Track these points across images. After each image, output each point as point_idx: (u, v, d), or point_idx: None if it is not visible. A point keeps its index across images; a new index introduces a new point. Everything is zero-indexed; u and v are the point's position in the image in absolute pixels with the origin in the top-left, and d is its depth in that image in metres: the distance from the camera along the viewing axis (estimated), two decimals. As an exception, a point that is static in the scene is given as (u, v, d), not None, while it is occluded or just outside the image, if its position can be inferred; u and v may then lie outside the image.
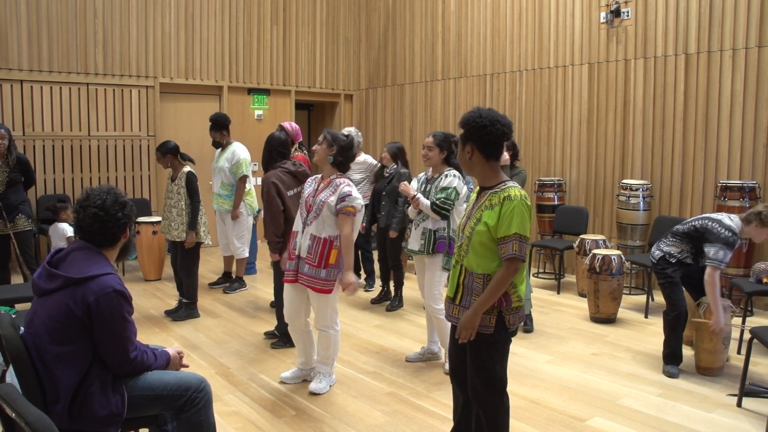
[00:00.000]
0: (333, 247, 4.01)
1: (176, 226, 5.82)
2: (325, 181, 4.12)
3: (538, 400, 4.11)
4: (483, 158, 2.83)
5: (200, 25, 9.30)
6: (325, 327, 4.15)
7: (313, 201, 4.08)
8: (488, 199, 2.81)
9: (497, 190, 2.81)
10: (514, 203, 2.73)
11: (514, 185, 2.82)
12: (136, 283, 7.32)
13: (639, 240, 6.89)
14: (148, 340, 4.10)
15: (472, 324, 2.77)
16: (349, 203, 3.99)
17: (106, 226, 2.61)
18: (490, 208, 2.78)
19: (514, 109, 8.42)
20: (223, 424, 3.69)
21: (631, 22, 7.13)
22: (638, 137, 7.17)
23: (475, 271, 2.82)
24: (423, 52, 9.78)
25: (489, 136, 2.79)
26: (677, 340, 4.60)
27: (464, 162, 2.91)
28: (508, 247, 2.72)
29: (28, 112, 7.99)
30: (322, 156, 4.12)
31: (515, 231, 2.72)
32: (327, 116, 11.40)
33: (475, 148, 2.82)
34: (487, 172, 2.86)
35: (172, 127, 9.08)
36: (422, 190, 4.60)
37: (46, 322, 2.47)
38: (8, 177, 5.80)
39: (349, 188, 4.04)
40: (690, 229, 4.53)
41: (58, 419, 2.39)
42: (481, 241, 2.79)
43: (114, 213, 2.62)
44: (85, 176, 8.45)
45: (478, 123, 2.79)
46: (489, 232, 2.76)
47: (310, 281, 4.02)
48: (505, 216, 2.73)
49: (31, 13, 7.88)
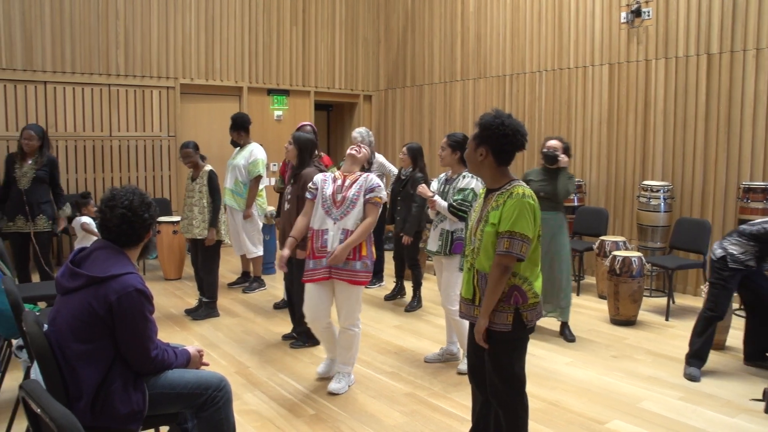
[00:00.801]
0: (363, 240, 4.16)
1: (197, 224, 5.86)
2: (351, 177, 4.23)
3: (558, 402, 4.09)
4: (495, 163, 2.84)
5: (220, 27, 9.36)
6: (350, 325, 4.18)
7: (342, 197, 4.15)
8: (495, 200, 2.83)
9: (503, 191, 2.82)
10: (514, 201, 2.74)
11: (519, 184, 2.82)
12: (157, 282, 7.38)
13: (660, 242, 6.82)
14: (169, 339, 4.12)
15: (481, 329, 2.81)
16: (377, 194, 4.17)
17: (134, 227, 2.64)
18: (496, 209, 2.80)
19: (533, 109, 8.39)
20: (243, 423, 3.71)
21: (652, 22, 7.07)
22: (659, 138, 7.11)
23: (486, 272, 2.83)
24: (442, 53, 9.77)
25: (508, 145, 2.80)
26: (706, 341, 4.51)
27: (474, 162, 2.92)
28: (499, 245, 2.74)
29: (51, 113, 8.09)
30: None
31: (508, 228, 2.72)
32: (346, 117, 11.42)
33: (490, 152, 2.82)
34: (496, 175, 2.88)
35: (192, 127, 9.15)
36: (441, 191, 4.60)
37: (69, 321, 2.50)
38: (35, 175, 5.83)
39: (377, 180, 4.24)
40: (760, 230, 4.41)
41: (81, 416, 2.41)
42: (491, 242, 2.79)
43: (141, 214, 2.65)
44: (106, 176, 8.54)
45: (501, 131, 2.78)
46: (495, 233, 2.78)
47: (345, 274, 4.09)
48: (505, 213, 2.75)
49: (54, 16, 7.99)
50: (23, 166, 5.85)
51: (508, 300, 2.80)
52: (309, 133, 5.30)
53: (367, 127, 10.95)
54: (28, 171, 5.84)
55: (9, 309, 3.46)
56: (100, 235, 2.75)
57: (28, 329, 2.50)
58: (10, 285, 3.22)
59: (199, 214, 5.87)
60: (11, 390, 4.07)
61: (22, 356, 3.37)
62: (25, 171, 5.83)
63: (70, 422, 1.75)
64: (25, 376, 3.36)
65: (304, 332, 5.14)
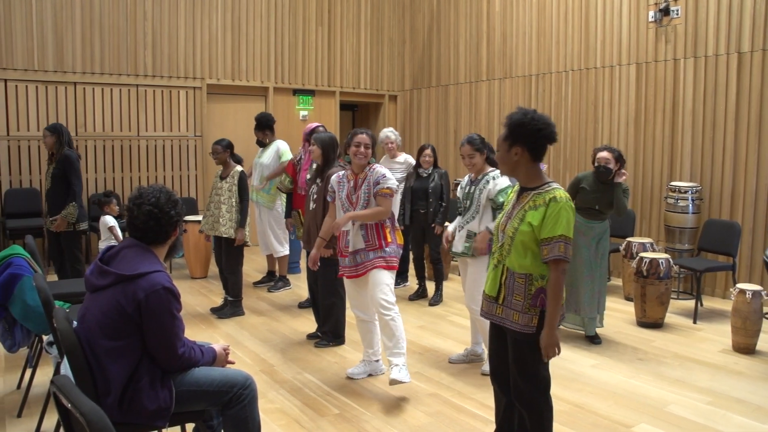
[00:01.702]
0: (385, 227, 4.23)
1: (224, 222, 5.89)
2: (362, 175, 4.27)
3: (583, 404, 4.05)
4: (530, 160, 2.83)
5: (246, 27, 9.43)
6: (386, 311, 4.16)
7: (357, 197, 4.20)
8: (532, 200, 2.80)
9: (541, 191, 2.80)
10: (560, 205, 2.72)
11: (558, 187, 2.80)
12: (183, 280, 7.46)
13: (688, 243, 6.73)
14: (194, 337, 4.17)
15: (553, 340, 2.74)
16: (384, 184, 4.19)
17: (160, 224, 2.67)
18: (534, 209, 2.76)
19: (559, 110, 8.32)
20: (267, 421, 3.74)
21: (681, 20, 6.98)
22: (687, 139, 7.01)
23: (516, 271, 2.81)
24: (468, 53, 9.74)
25: (542, 139, 2.80)
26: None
27: (508, 163, 2.88)
28: (554, 249, 2.70)
29: (81, 113, 8.22)
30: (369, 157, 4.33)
31: (561, 233, 2.70)
32: (371, 117, 11.44)
33: (525, 150, 2.81)
34: (531, 172, 2.85)
35: (219, 127, 9.22)
36: (467, 192, 4.59)
37: (98, 318, 2.54)
38: (53, 174, 5.86)
39: (381, 170, 4.26)
40: None
41: (109, 411, 2.44)
42: (523, 241, 2.77)
43: (168, 210, 2.69)
44: (134, 175, 8.65)
45: (534, 126, 2.77)
46: (533, 233, 2.75)
47: (377, 261, 4.17)
48: (551, 217, 2.71)
49: (85, 18, 8.11)
50: (49, 166, 5.98)
51: (534, 302, 2.78)
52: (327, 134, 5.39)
53: (393, 127, 10.97)
54: (50, 170, 5.95)
55: (40, 306, 3.53)
56: (120, 240, 2.79)
57: (58, 326, 2.54)
58: (41, 282, 3.27)
59: (227, 213, 5.90)
60: (42, 385, 4.14)
61: (53, 352, 3.43)
62: (48, 171, 5.97)
63: (99, 417, 1.78)
64: (55, 372, 3.41)
65: (329, 331, 5.18)
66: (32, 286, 3.69)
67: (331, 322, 5.16)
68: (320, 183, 5.09)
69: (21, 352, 4.39)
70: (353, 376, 4.47)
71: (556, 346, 2.75)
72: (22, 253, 3.97)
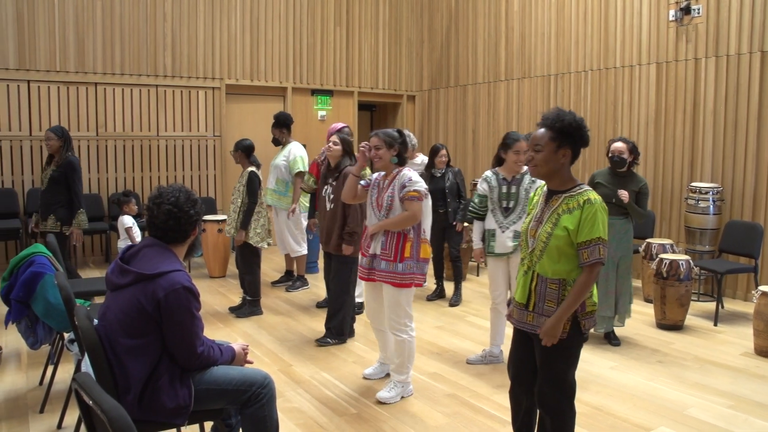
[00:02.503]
0: (407, 240, 4.02)
1: (230, 222, 6.05)
2: (389, 178, 4.13)
3: (602, 406, 4.03)
4: (569, 162, 2.79)
5: (265, 28, 9.48)
6: (398, 331, 4.07)
7: (382, 199, 4.09)
8: (564, 203, 2.75)
9: (574, 194, 2.75)
10: (595, 207, 2.68)
11: (589, 189, 2.76)
12: (202, 280, 7.51)
13: (708, 245, 6.66)
14: (213, 336, 4.20)
15: (556, 332, 2.71)
16: (410, 188, 3.99)
17: (180, 223, 2.69)
18: (568, 212, 2.72)
19: (578, 110, 8.27)
20: (285, 420, 3.75)
21: (702, 19, 6.91)
22: (708, 139, 6.94)
23: (549, 276, 2.76)
24: (486, 53, 9.71)
25: (584, 144, 2.77)
26: None
27: (553, 164, 2.76)
28: (593, 252, 2.66)
29: (101, 113, 8.30)
30: (387, 159, 4.11)
31: (599, 235, 2.67)
32: (389, 117, 11.44)
33: (571, 153, 2.76)
34: (566, 175, 2.80)
35: (238, 127, 9.28)
36: (502, 192, 4.57)
37: (118, 316, 2.56)
38: (51, 176, 5.83)
39: (408, 173, 4.06)
40: None
41: (129, 409, 2.46)
42: (558, 245, 2.72)
43: (187, 210, 2.70)
44: (153, 175, 8.72)
45: (584, 131, 2.73)
46: (568, 237, 2.70)
47: (387, 276, 4.02)
48: (587, 220, 2.67)
49: (105, 19, 8.19)
50: (47, 168, 5.94)
51: None
52: (349, 135, 5.41)
53: (411, 127, 11.00)
54: (48, 172, 5.89)
55: (62, 303, 3.57)
56: (136, 241, 2.82)
57: (79, 323, 2.57)
58: (62, 280, 3.31)
59: (233, 212, 6.00)
60: (63, 381, 4.19)
61: (74, 349, 3.47)
62: (46, 173, 5.91)
63: (120, 415, 1.80)
64: (76, 369, 3.45)
65: (333, 328, 5.19)
66: (54, 284, 3.73)
67: (338, 320, 5.17)
68: (334, 182, 5.08)
69: (43, 349, 4.45)
70: (369, 377, 4.46)
71: (554, 339, 2.71)
72: (44, 251, 4.02)
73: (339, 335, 5.21)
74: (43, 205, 5.92)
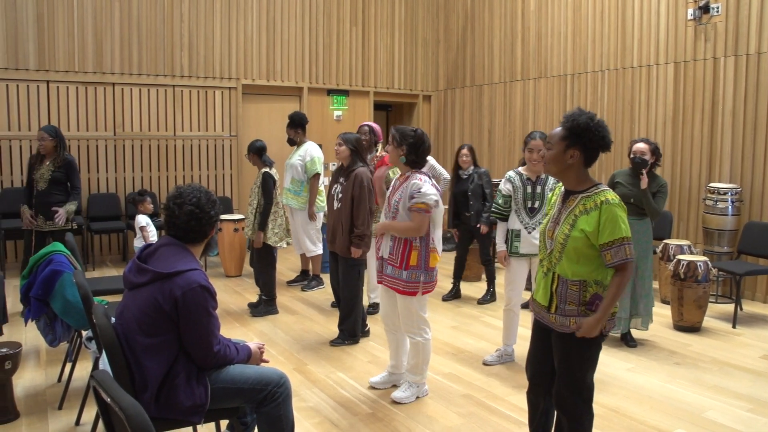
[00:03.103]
0: (413, 249, 3.92)
1: (248, 223, 6.07)
2: (401, 180, 4.09)
3: (618, 408, 4.00)
4: (583, 165, 2.75)
5: (281, 28, 9.51)
6: (411, 333, 4.05)
7: (392, 200, 4.05)
8: (581, 204, 2.71)
9: (591, 194, 2.72)
10: (613, 206, 2.65)
11: (606, 188, 2.72)
12: (218, 279, 7.54)
13: (727, 246, 6.60)
14: (228, 335, 4.21)
15: (592, 333, 2.68)
16: (419, 199, 3.84)
17: (201, 224, 2.72)
18: (585, 213, 2.69)
19: (595, 110, 8.22)
20: (300, 419, 3.76)
21: (722, 18, 6.84)
22: (727, 139, 6.87)
23: (569, 278, 2.74)
24: (502, 53, 9.68)
25: (601, 147, 2.72)
26: None
27: (560, 164, 2.75)
28: (620, 252, 2.63)
29: (119, 113, 8.37)
30: (395, 157, 4.07)
31: (623, 235, 2.64)
32: (405, 117, 11.44)
33: (582, 154, 2.72)
34: (581, 177, 2.77)
35: (254, 127, 9.32)
36: (527, 192, 4.55)
37: (136, 315, 2.58)
38: (51, 176, 5.84)
39: (419, 183, 3.90)
40: None
41: (146, 407, 2.47)
42: (576, 247, 2.69)
43: (208, 210, 2.73)
44: (170, 175, 8.78)
45: (598, 133, 2.69)
46: (586, 239, 2.67)
47: (393, 282, 3.99)
48: (608, 221, 2.64)
49: (123, 20, 8.26)
50: (41, 167, 5.88)
51: (590, 308, 2.72)
52: (366, 134, 5.37)
53: (426, 127, 10.99)
54: (45, 172, 5.85)
55: (80, 301, 3.61)
56: (148, 241, 2.83)
57: (97, 321, 2.59)
58: (80, 279, 3.34)
59: (250, 214, 6.04)
60: (81, 378, 4.23)
61: (92, 347, 3.50)
62: (42, 173, 5.85)
63: (138, 412, 1.81)
64: (94, 366, 3.48)
65: (346, 330, 5.20)
66: (72, 283, 3.77)
67: (350, 322, 5.18)
68: (344, 182, 5.07)
69: (61, 346, 4.51)
70: (375, 386, 4.33)
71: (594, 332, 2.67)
72: (63, 250, 4.06)
73: (352, 337, 5.22)
74: (44, 205, 5.84)
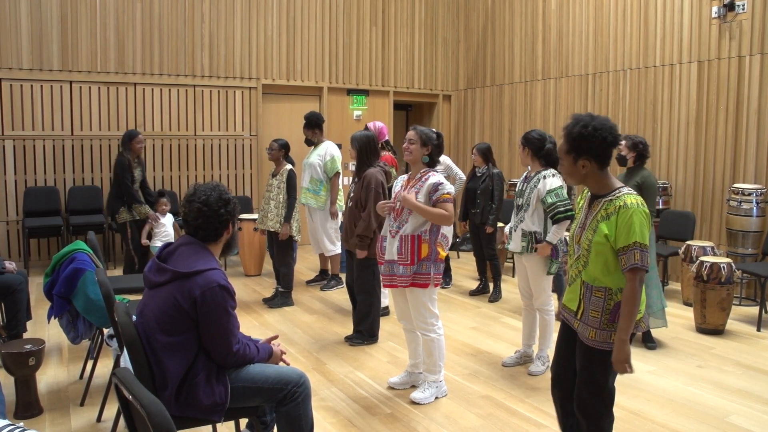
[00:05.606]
0: (422, 241, 3.95)
1: (272, 217, 6.25)
2: (414, 179, 4.08)
3: (639, 411, 3.95)
4: (598, 169, 2.69)
5: (301, 28, 9.53)
6: (424, 330, 4.05)
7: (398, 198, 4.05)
8: (603, 209, 2.66)
9: (612, 198, 2.66)
10: (631, 211, 2.58)
11: (630, 192, 2.66)
12: (237, 278, 7.58)
13: (751, 248, 6.50)
14: (247, 333, 4.23)
15: (623, 356, 2.60)
16: (442, 191, 3.92)
17: (209, 221, 2.71)
18: (606, 219, 2.63)
19: (617, 109, 8.15)
20: (319, 419, 3.76)
21: (747, 15, 6.74)
22: (752, 139, 6.77)
23: (593, 284, 2.70)
24: (523, 52, 9.63)
25: (609, 147, 2.66)
26: None
27: (576, 176, 2.73)
28: (630, 257, 2.57)
29: (140, 113, 8.45)
30: (417, 156, 4.06)
31: (636, 240, 2.56)
32: (425, 117, 11.41)
33: (592, 161, 2.66)
34: (601, 181, 2.71)
35: (274, 127, 9.35)
36: (520, 189, 4.61)
37: (156, 313, 2.60)
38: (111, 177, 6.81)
39: (436, 177, 3.99)
40: None
41: (166, 405, 2.49)
42: (599, 252, 2.65)
43: (216, 209, 2.71)
44: (191, 174, 8.84)
45: (599, 137, 2.62)
46: (608, 244, 2.62)
47: (407, 280, 3.97)
48: (623, 225, 2.58)
49: (145, 21, 8.33)
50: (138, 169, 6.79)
51: (612, 318, 2.66)
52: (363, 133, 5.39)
53: (446, 127, 10.97)
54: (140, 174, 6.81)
55: (101, 299, 3.64)
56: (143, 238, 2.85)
57: (119, 319, 2.61)
58: (102, 277, 3.37)
59: (275, 208, 6.25)
60: (103, 376, 4.28)
61: (113, 345, 3.53)
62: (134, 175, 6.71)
63: (159, 410, 1.82)
64: (115, 364, 3.52)
65: (364, 330, 5.21)
66: (94, 281, 3.80)
67: (368, 323, 5.19)
68: (357, 182, 5.10)
69: (83, 343, 4.55)
70: (394, 386, 4.33)
71: (627, 362, 2.59)
72: (85, 248, 4.10)
73: (371, 336, 5.22)
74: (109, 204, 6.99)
